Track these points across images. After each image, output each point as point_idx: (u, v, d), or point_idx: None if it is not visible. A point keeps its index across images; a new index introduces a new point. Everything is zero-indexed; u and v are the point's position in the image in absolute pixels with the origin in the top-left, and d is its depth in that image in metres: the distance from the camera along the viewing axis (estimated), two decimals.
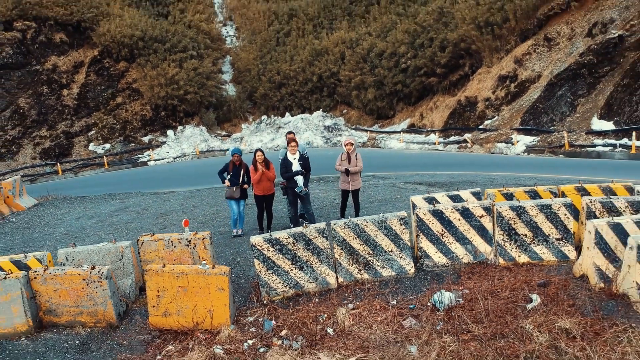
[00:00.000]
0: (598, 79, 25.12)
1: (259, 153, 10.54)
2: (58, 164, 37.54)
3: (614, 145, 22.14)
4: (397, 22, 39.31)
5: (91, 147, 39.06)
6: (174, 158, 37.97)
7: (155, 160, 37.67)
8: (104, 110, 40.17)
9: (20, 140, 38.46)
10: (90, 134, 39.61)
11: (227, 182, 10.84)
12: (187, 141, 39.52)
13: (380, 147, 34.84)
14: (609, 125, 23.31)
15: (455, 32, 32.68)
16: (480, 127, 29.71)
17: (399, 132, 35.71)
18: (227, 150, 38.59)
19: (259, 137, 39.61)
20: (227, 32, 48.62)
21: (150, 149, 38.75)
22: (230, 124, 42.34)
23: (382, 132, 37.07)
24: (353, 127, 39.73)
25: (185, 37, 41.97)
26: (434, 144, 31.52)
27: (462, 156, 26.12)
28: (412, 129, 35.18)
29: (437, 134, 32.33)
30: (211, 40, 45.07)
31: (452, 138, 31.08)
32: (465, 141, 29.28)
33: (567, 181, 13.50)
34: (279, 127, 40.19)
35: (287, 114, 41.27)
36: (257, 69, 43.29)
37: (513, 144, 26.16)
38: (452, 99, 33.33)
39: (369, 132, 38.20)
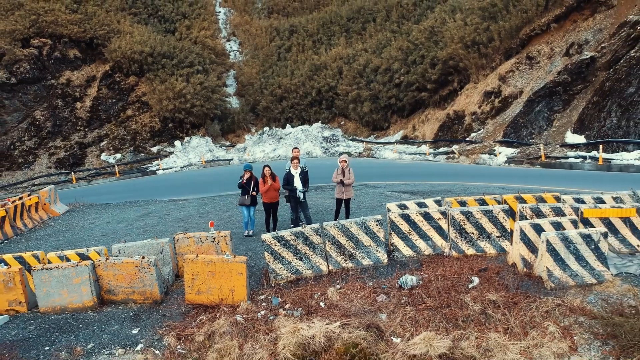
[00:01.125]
0: (572, 96, 27.51)
1: (266, 168, 12.85)
2: (72, 173, 39.87)
3: (584, 157, 24.47)
4: (392, 39, 41.76)
5: (103, 157, 41.40)
6: (182, 167, 40.27)
7: (163, 169, 39.98)
8: (115, 122, 42.56)
9: (36, 150, 40.79)
10: (102, 144, 41.96)
11: (246, 197, 12.93)
12: (194, 151, 41.85)
13: (375, 157, 37.15)
14: (580, 139, 25.66)
15: (445, 50, 35.10)
16: (467, 139, 32.05)
17: (393, 143, 38.05)
18: (231, 159, 41.01)
19: (261, 148, 41.95)
20: (231, 47, 51.09)
21: (159, 159, 41.08)
22: (234, 135, 44.71)
23: (377, 143, 39.40)
24: (350, 138, 42.09)
25: (192, 53, 44.43)
26: (425, 154, 33.83)
27: (448, 166, 28.44)
28: (405, 140, 37.52)
29: (427, 145, 34.68)
30: (216, 55, 47.54)
31: (441, 149, 33.41)
32: (453, 152, 31.62)
33: (529, 190, 15.86)
34: (280, 138, 42.56)
35: (288, 125, 43.66)
36: (260, 83, 45.70)
37: (496, 155, 28.49)
38: (442, 113, 35.70)
39: (365, 142, 40.54)
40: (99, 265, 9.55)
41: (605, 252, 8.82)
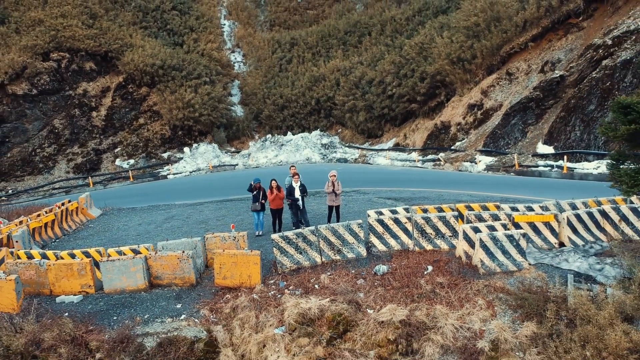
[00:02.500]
0: (544, 111, 30.70)
1: (273, 181, 16.01)
2: (89, 177, 43.10)
3: (552, 166, 27.68)
4: (385, 53, 44.95)
5: (117, 162, 44.62)
6: (190, 172, 43.48)
7: (174, 174, 43.19)
8: (128, 130, 45.76)
9: (55, 156, 44.00)
10: (116, 150, 45.17)
11: (257, 204, 16.13)
12: (201, 157, 45.05)
13: (369, 163, 40.36)
14: (550, 150, 28.85)
15: (433, 66, 38.28)
16: (452, 147, 35.23)
17: (386, 150, 41.25)
18: (237, 165, 44.21)
19: (264, 154, 45.17)
20: (235, 59, 54.28)
21: (169, 164, 44.30)
22: (239, 142, 47.89)
23: (371, 150, 42.60)
24: (347, 144, 45.29)
25: (199, 65, 47.62)
26: (415, 161, 37.03)
27: (433, 173, 31.62)
28: (397, 147, 40.71)
29: (417, 152, 37.89)
30: (221, 66, 50.72)
31: (429, 156, 36.60)
32: (439, 160, 34.81)
33: (493, 198, 19.14)
34: (282, 145, 45.77)
35: (289, 133, 46.88)
36: (263, 93, 48.88)
37: (476, 163, 31.69)
38: (430, 122, 38.91)
39: (360, 149, 43.75)
40: (150, 258, 12.76)
41: (524, 248, 12.03)
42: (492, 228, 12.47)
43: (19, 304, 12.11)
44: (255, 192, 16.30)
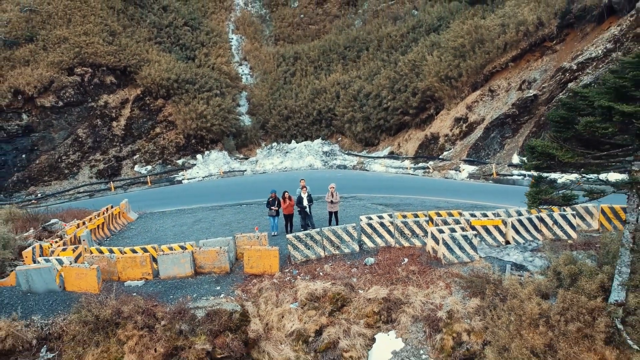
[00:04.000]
0: (519, 126, 34.78)
1: (286, 193, 20.11)
2: (110, 182, 47.19)
3: (524, 175, 31.77)
4: (382, 68, 49.03)
5: (136, 168, 48.71)
6: (203, 177, 47.55)
7: (188, 179, 47.27)
8: (146, 139, 49.86)
9: (79, 163, 48.06)
10: (135, 157, 49.26)
11: (273, 210, 20.28)
12: (213, 163, 49.14)
13: (366, 170, 44.42)
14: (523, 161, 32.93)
15: (424, 82, 42.37)
16: (440, 156, 39.33)
17: (382, 157, 45.33)
18: (245, 170, 48.26)
19: (270, 160, 49.28)
20: (243, 71, 58.35)
21: (184, 170, 48.40)
22: (247, 149, 51.96)
23: (368, 157, 46.68)
24: (346, 152, 49.38)
25: (211, 79, 51.70)
26: (407, 168, 41.12)
27: (422, 180, 35.71)
28: (391, 155, 44.80)
29: (409, 160, 41.99)
30: (230, 79, 54.79)
31: (420, 164, 40.71)
32: (428, 168, 38.92)
33: (464, 205, 23.26)
34: (287, 152, 49.89)
35: (293, 141, 50.98)
36: (269, 104, 52.95)
37: (460, 172, 35.79)
38: (421, 133, 43.01)
39: (358, 156, 47.82)
40: (195, 252, 16.88)
41: (476, 245, 16.15)
42: (453, 230, 16.58)
43: (99, 287, 16.24)
44: (271, 201, 20.42)
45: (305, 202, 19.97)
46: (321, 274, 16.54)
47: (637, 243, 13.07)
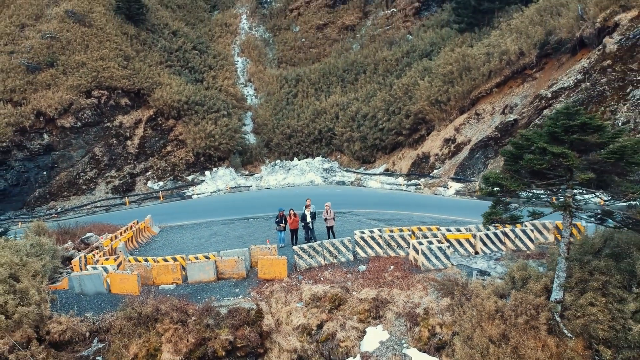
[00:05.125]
0: (501, 147, 38.30)
1: (291, 210, 23.62)
2: (125, 197, 50.72)
3: None
4: (378, 90, 52.79)
5: (149, 184, 52.26)
6: (211, 192, 51.06)
7: (197, 194, 50.78)
8: (158, 156, 53.47)
9: (96, 179, 51.62)
10: (148, 174, 52.84)
11: (281, 226, 23.81)
12: (220, 179, 52.70)
13: (363, 186, 47.94)
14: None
15: (416, 105, 46.06)
16: (430, 174, 42.89)
17: (377, 174, 48.88)
18: (250, 186, 51.76)
19: (274, 177, 52.83)
20: (248, 92, 62.15)
21: (193, 186, 51.94)
22: (252, 166, 55.55)
23: (365, 174, 50.24)
24: (344, 169, 52.95)
25: (218, 100, 55.45)
26: (400, 185, 44.65)
27: (413, 196, 39.21)
28: (386, 172, 48.35)
29: (403, 177, 45.54)
30: (236, 100, 58.55)
31: (412, 181, 44.25)
32: (419, 184, 42.47)
33: (446, 220, 26.73)
34: (289, 169, 53.47)
35: (295, 158, 54.60)
36: (272, 124, 56.66)
37: (448, 188, 39.32)
38: (414, 152, 46.61)
39: (356, 173, 51.39)
40: (217, 260, 20.37)
41: (449, 254, 19.63)
42: (431, 242, 20.08)
43: (139, 289, 19.70)
44: (278, 219, 23.95)
45: (308, 219, 23.49)
46: (322, 278, 20.01)
47: (570, 253, 16.58)
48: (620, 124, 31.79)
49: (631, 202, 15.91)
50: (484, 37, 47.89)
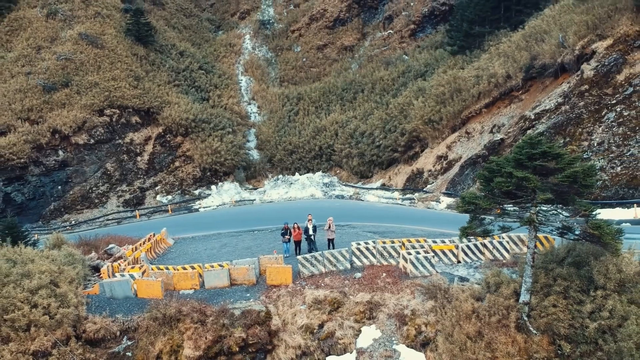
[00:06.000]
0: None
1: (295, 224, 26.42)
2: (136, 210, 53.51)
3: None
4: (375, 109, 55.86)
5: (158, 198, 55.10)
6: (217, 206, 53.87)
7: (204, 207, 53.57)
8: (166, 171, 56.39)
9: (108, 193, 54.46)
10: (157, 188, 55.69)
11: (286, 237, 26.63)
12: (226, 193, 55.54)
13: (361, 200, 50.75)
14: None
15: (410, 124, 49.05)
16: (424, 189, 45.74)
17: (375, 189, 51.74)
18: (254, 200, 54.57)
19: (277, 191, 55.67)
20: (251, 110, 65.25)
21: (200, 199, 54.78)
22: (256, 180, 58.45)
23: (363, 188, 53.10)
24: (343, 183, 55.82)
25: (224, 118, 58.51)
26: (396, 199, 47.47)
27: (406, 210, 42.00)
28: (383, 187, 51.22)
29: (398, 192, 48.38)
30: (240, 117, 61.63)
31: (407, 196, 47.08)
32: (413, 198, 45.30)
33: (433, 233, 29.53)
34: (291, 183, 56.34)
35: (297, 173, 57.50)
36: (275, 140, 59.69)
37: (440, 203, 42.12)
38: (409, 168, 49.51)
39: (354, 188, 54.24)
40: (230, 269, 23.14)
41: (434, 263, 22.42)
42: (418, 253, 22.87)
43: (162, 293, 22.45)
44: (284, 231, 26.76)
45: (310, 232, 26.29)
46: (322, 284, 22.76)
47: (537, 262, 19.37)
48: (595, 144, 34.74)
49: (587, 218, 18.73)
50: (474, 59, 51.04)
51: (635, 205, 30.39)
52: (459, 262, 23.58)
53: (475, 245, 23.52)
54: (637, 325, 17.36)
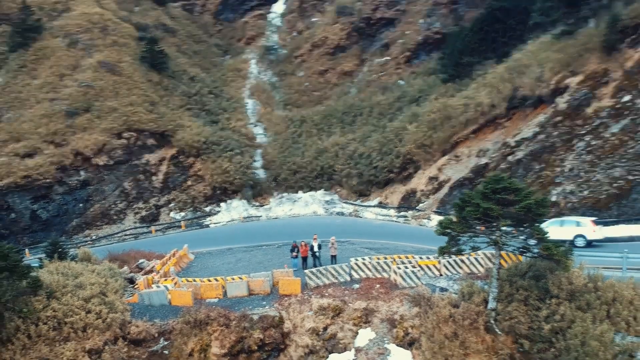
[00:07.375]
0: (474, 187, 45.54)
1: (302, 242, 30.82)
2: (151, 226, 57.88)
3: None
4: (373, 132, 60.45)
5: (172, 214, 59.49)
6: (227, 222, 58.23)
7: (214, 223, 57.94)
8: (179, 190, 60.83)
9: (125, 210, 58.84)
10: (170, 205, 60.10)
11: (294, 254, 31.02)
12: (234, 210, 59.93)
13: (360, 217, 55.15)
14: None
15: (405, 148, 53.59)
16: (417, 208, 50.15)
17: (372, 206, 56.14)
18: (261, 216, 58.95)
19: (281, 208, 60.07)
20: (258, 131, 69.82)
21: (210, 216, 59.17)
22: (262, 198, 62.83)
23: (361, 206, 57.48)
24: (343, 201, 60.23)
25: (233, 140, 63.09)
26: (392, 216, 51.88)
27: (401, 227, 46.36)
28: (380, 205, 55.62)
29: (393, 210, 52.80)
30: (248, 139, 66.18)
31: (401, 213, 51.49)
32: (407, 216, 49.72)
33: (422, 249, 33.94)
34: (295, 201, 60.77)
35: (300, 191, 61.95)
36: (280, 161, 64.18)
37: (431, 220, 46.51)
38: (403, 188, 53.97)
39: (353, 205, 58.65)
40: (249, 280, 27.50)
41: (420, 276, 26.81)
42: (406, 267, 27.24)
43: (192, 301, 26.80)
44: (292, 248, 31.17)
45: (315, 249, 30.70)
46: (326, 294, 27.12)
47: (502, 275, 23.78)
48: (567, 170, 39.22)
49: (539, 240, 23.11)
50: (463, 88, 55.64)
51: None
52: (441, 275, 27.93)
53: (455, 261, 27.91)
54: (582, 327, 21.76)
